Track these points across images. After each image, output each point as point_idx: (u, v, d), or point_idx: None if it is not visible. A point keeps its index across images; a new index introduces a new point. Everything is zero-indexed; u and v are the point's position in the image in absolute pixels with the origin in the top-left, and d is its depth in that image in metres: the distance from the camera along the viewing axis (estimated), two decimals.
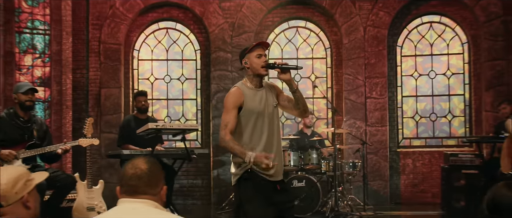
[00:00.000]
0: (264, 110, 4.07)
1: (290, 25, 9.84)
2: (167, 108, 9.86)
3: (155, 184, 2.25)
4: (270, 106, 4.09)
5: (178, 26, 9.87)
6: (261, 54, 4.01)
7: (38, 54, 8.21)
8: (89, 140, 5.59)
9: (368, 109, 9.19)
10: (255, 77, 4.07)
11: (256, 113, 4.05)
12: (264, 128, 4.05)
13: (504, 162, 5.11)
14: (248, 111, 4.02)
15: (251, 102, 4.04)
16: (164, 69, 9.87)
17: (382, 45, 9.22)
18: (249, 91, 4.07)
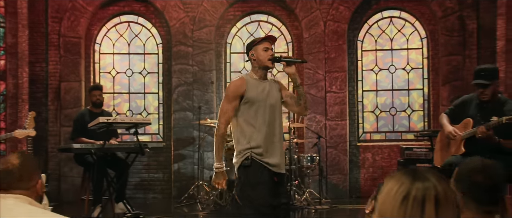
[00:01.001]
0: (266, 100, 4.14)
1: (252, 19, 9.86)
2: (129, 102, 9.83)
3: (27, 179, 2.26)
4: (272, 98, 4.16)
5: (140, 20, 9.83)
6: (268, 47, 4.12)
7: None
8: (25, 131, 5.53)
9: (328, 103, 9.25)
10: (261, 70, 4.15)
11: (258, 101, 4.13)
12: (265, 117, 4.12)
13: (437, 155, 5.19)
14: (250, 98, 4.10)
15: (254, 91, 4.11)
16: (126, 63, 9.83)
17: (342, 40, 9.28)
18: (253, 82, 4.16)
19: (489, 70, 4.74)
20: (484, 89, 4.71)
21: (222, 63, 9.71)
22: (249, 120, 4.14)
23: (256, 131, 4.12)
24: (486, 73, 4.70)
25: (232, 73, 9.84)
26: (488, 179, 2.22)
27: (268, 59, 4.09)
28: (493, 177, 2.22)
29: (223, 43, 9.71)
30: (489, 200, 2.22)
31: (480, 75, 4.71)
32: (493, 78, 4.71)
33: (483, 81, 4.67)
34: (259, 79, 4.18)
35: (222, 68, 9.71)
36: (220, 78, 9.67)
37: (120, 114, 9.72)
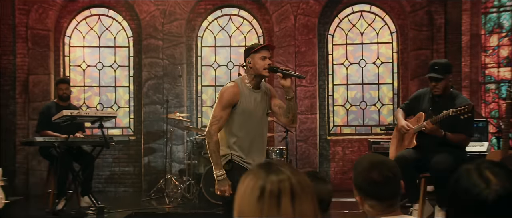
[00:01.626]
0: (254, 112, 4.14)
1: (223, 12, 9.84)
2: (99, 95, 9.77)
3: None
4: (261, 109, 4.16)
5: (110, 12, 9.77)
6: (265, 56, 4.05)
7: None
8: None
9: (298, 97, 9.28)
10: (256, 78, 4.10)
11: (248, 112, 4.12)
12: (253, 128, 4.13)
13: (391, 149, 5.25)
14: (243, 109, 4.08)
15: (246, 102, 4.09)
16: (97, 56, 9.76)
17: (312, 34, 9.31)
18: (247, 91, 4.11)
19: (442, 65, 4.80)
20: (436, 83, 4.77)
21: (193, 56, 9.69)
22: (234, 130, 4.15)
23: (239, 141, 4.14)
24: (440, 67, 4.76)
25: (203, 66, 9.83)
26: (380, 174, 2.24)
27: (264, 68, 4.04)
28: (385, 172, 2.25)
29: (194, 36, 9.69)
30: (389, 195, 2.25)
31: (434, 69, 4.77)
32: (446, 73, 4.77)
33: (436, 75, 4.73)
34: (252, 88, 4.14)
35: (193, 62, 9.69)
36: (191, 71, 9.65)
37: (90, 107, 9.67)
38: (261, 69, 4.05)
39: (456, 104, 4.63)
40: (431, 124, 4.58)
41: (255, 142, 4.15)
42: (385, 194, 2.23)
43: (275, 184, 1.38)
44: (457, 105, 4.56)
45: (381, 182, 2.21)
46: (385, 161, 2.30)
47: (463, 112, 4.42)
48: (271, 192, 1.37)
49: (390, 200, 2.24)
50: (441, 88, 4.78)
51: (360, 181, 2.26)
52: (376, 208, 2.24)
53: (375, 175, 2.22)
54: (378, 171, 2.22)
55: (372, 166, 2.25)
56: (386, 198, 2.24)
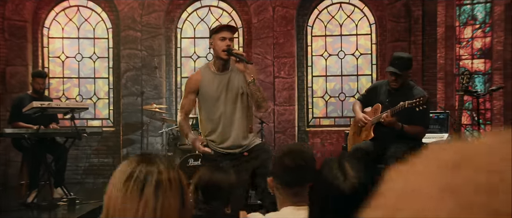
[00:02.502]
0: (221, 95, 4.16)
1: (202, 4, 9.82)
2: (79, 87, 9.76)
3: None
4: (233, 89, 4.15)
5: (89, 4, 9.74)
6: (225, 37, 4.04)
7: None
8: None
9: (276, 89, 9.29)
10: (218, 60, 4.14)
11: (212, 97, 4.17)
12: (222, 110, 4.17)
13: (349, 141, 5.29)
14: (203, 95, 4.19)
15: (207, 87, 4.16)
16: (76, 48, 9.75)
17: (291, 25, 9.31)
18: (209, 75, 4.17)
19: (403, 60, 4.81)
20: (396, 77, 4.78)
21: (172, 48, 9.68)
22: (207, 114, 4.25)
23: (213, 125, 4.23)
24: (400, 62, 4.77)
25: (183, 58, 9.83)
26: (292, 161, 2.28)
27: (222, 50, 4.05)
28: (298, 160, 2.28)
29: (173, 28, 9.68)
30: (295, 182, 2.28)
31: (395, 64, 4.78)
32: (406, 69, 4.79)
33: (395, 71, 4.74)
34: (216, 71, 4.18)
35: (172, 53, 9.68)
36: (170, 63, 9.64)
37: (70, 98, 9.67)
38: (220, 51, 4.09)
39: (412, 96, 4.65)
40: (389, 116, 4.60)
41: (228, 125, 4.19)
42: (292, 180, 2.27)
43: (142, 172, 1.46)
44: (413, 97, 4.58)
45: (291, 168, 2.26)
46: (302, 149, 2.36)
47: (418, 104, 4.44)
48: (137, 178, 1.44)
49: (296, 187, 2.27)
50: (399, 83, 4.80)
51: (273, 164, 2.32)
52: (282, 193, 2.28)
53: (287, 161, 2.27)
54: (292, 157, 2.28)
55: (287, 152, 2.31)
56: (292, 184, 2.27)
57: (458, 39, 7.89)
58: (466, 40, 7.86)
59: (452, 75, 7.79)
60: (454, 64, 7.83)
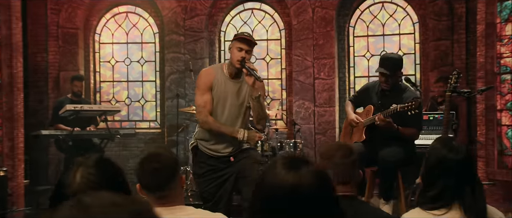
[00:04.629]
0: (228, 100, 4.21)
1: (245, 7, 9.96)
2: (128, 90, 10.17)
3: None
4: (239, 99, 4.22)
5: (137, 10, 10.12)
6: (242, 48, 4.10)
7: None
8: None
9: (316, 90, 9.27)
10: (231, 66, 4.20)
11: (219, 99, 4.21)
12: (224, 117, 4.22)
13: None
14: (215, 93, 4.20)
15: (219, 88, 4.19)
16: (125, 52, 10.16)
17: (330, 26, 9.25)
18: (221, 77, 4.21)
19: (393, 61, 4.71)
20: (386, 78, 4.70)
21: (215, 51, 9.88)
22: (214, 113, 4.23)
23: None
24: (389, 63, 4.68)
25: (226, 61, 9.98)
26: (149, 165, 2.32)
27: (237, 60, 4.12)
28: (153, 163, 2.31)
29: (217, 31, 9.87)
30: (155, 186, 2.31)
31: (384, 65, 4.70)
32: (395, 69, 4.69)
33: (384, 71, 4.65)
34: (228, 76, 4.22)
35: (216, 56, 9.88)
36: None
37: (119, 101, 10.09)
38: (235, 60, 4.14)
39: (403, 98, 4.56)
40: (383, 118, 4.53)
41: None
42: (151, 184, 2.32)
43: None
44: (404, 100, 4.49)
45: (147, 172, 2.30)
46: (159, 153, 2.38)
47: (410, 108, 4.37)
48: None
49: (158, 191, 2.32)
50: (389, 84, 4.71)
51: (136, 170, 2.36)
52: (149, 198, 2.33)
53: (145, 165, 2.31)
54: (149, 161, 2.31)
55: (146, 157, 2.35)
56: (153, 188, 2.32)
57: (499, 37, 7.55)
58: (508, 38, 7.52)
59: (492, 74, 7.46)
60: (495, 63, 7.51)
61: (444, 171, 2.37)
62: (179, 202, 2.36)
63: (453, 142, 2.45)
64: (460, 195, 2.29)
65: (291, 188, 1.49)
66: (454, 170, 2.35)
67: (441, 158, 2.38)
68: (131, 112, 10.17)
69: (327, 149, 2.44)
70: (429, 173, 2.42)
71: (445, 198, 2.30)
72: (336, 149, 2.39)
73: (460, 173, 2.35)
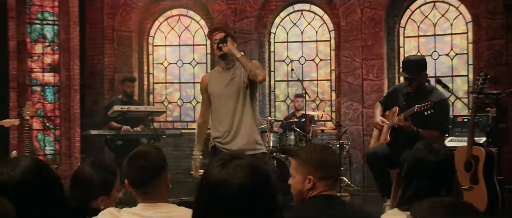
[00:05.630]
0: (226, 90, 4.41)
1: (295, 8, 10.00)
2: (180, 91, 10.41)
3: None
4: (234, 85, 4.39)
5: (189, 12, 10.35)
6: (216, 39, 4.42)
7: (48, 43, 9.01)
8: (10, 120, 6.21)
9: (365, 91, 9.19)
10: (220, 60, 4.48)
11: (217, 94, 4.47)
12: (226, 107, 4.42)
13: (371, 144, 5.15)
14: (211, 92, 4.51)
15: (214, 85, 4.48)
16: (177, 54, 10.41)
17: (379, 27, 9.15)
18: (216, 75, 4.53)
19: (414, 63, 4.66)
20: (409, 81, 4.65)
21: (265, 52, 9.97)
22: (215, 112, 4.51)
23: (219, 122, 4.47)
24: (410, 66, 4.64)
25: (276, 62, 10.08)
26: (136, 162, 2.40)
27: (216, 49, 4.41)
28: (139, 161, 2.39)
29: (266, 33, 9.95)
30: (141, 182, 2.39)
31: (405, 68, 4.66)
32: (418, 71, 4.62)
33: (406, 75, 4.62)
34: (223, 70, 4.48)
35: (265, 58, 9.96)
36: (263, 67, 9.91)
37: (171, 102, 10.35)
38: (216, 52, 4.43)
39: (428, 100, 4.48)
40: (402, 120, 4.48)
41: (233, 122, 4.38)
42: (137, 180, 2.40)
43: None
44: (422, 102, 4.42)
45: (134, 169, 2.39)
46: (147, 151, 2.47)
47: (426, 108, 4.31)
48: None
49: (142, 187, 2.40)
50: (414, 87, 4.64)
51: (124, 165, 2.47)
52: (136, 193, 2.42)
53: (133, 162, 2.41)
54: (136, 158, 2.41)
55: (135, 153, 2.44)
56: (138, 184, 2.40)
57: None
58: None
59: None
60: None
61: (420, 172, 2.41)
62: (162, 199, 2.45)
63: (435, 144, 2.46)
64: (434, 195, 2.30)
65: (221, 183, 1.55)
66: (430, 172, 2.40)
67: (419, 159, 2.42)
68: (183, 112, 10.41)
69: (307, 148, 2.47)
70: (408, 173, 2.46)
71: (420, 199, 2.30)
72: (315, 148, 2.41)
73: (436, 175, 2.39)
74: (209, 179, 1.59)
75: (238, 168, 1.57)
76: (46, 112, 9.01)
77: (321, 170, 2.33)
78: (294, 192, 2.42)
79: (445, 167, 2.42)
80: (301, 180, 2.35)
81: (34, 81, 8.92)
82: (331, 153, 2.39)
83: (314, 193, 2.33)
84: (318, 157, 2.34)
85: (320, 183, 2.33)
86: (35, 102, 8.85)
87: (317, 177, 2.32)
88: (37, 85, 8.96)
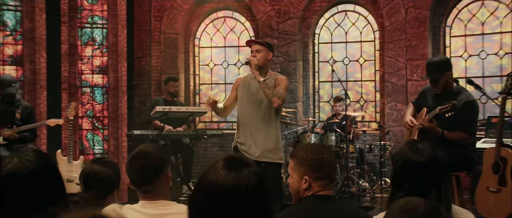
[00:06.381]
0: (251, 96, 4.77)
1: (339, 9, 9.97)
2: (225, 92, 10.55)
3: None
4: (258, 95, 4.73)
5: (235, 14, 10.49)
6: (252, 51, 4.83)
7: (97, 46, 9.34)
8: (55, 120, 6.47)
9: (409, 92, 9.07)
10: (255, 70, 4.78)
11: (241, 98, 4.84)
12: (248, 111, 4.79)
13: None
14: (238, 97, 4.88)
15: (242, 89, 4.85)
16: (223, 56, 10.57)
17: (424, 26, 9.01)
18: (249, 80, 4.86)
19: (436, 64, 4.59)
20: (433, 83, 4.59)
21: (309, 53, 9.98)
22: (238, 115, 4.88)
23: (240, 124, 4.82)
24: (432, 68, 4.58)
25: (320, 63, 10.07)
26: (137, 163, 2.51)
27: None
28: (141, 161, 2.50)
29: (310, 34, 9.97)
30: (141, 181, 2.50)
31: (428, 70, 4.62)
32: (441, 72, 4.54)
33: (429, 78, 4.58)
34: (254, 77, 4.77)
35: (309, 59, 9.98)
36: (307, 68, 9.96)
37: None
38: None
39: (457, 100, 4.41)
40: (427, 121, 4.43)
41: (250, 127, 4.68)
42: (137, 179, 2.50)
43: None
44: (457, 103, 4.35)
45: (135, 168, 2.49)
46: (148, 151, 2.56)
47: (446, 110, 4.27)
48: None
49: (143, 186, 2.50)
50: (440, 88, 4.57)
51: (126, 164, 2.58)
52: (138, 192, 2.52)
53: (134, 161, 2.51)
54: (137, 158, 2.51)
55: (136, 153, 2.54)
56: (138, 183, 2.50)
57: None
58: None
59: None
60: None
61: (409, 173, 2.43)
62: (162, 197, 2.55)
63: (419, 144, 2.47)
64: (425, 196, 2.30)
65: (231, 188, 1.61)
66: (418, 172, 2.41)
67: (406, 160, 2.43)
68: None
69: (303, 148, 2.50)
70: (396, 175, 2.47)
71: None
72: (312, 149, 2.45)
73: (424, 175, 2.40)
74: (212, 181, 1.64)
75: (247, 174, 1.64)
76: (95, 112, 9.33)
77: (316, 170, 2.38)
78: (292, 191, 2.48)
79: (431, 167, 2.43)
80: (298, 180, 2.41)
81: (84, 83, 9.27)
82: (327, 154, 2.43)
83: (310, 193, 2.38)
84: (314, 157, 2.39)
85: (315, 183, 2.38)
86: (84, 103, 9.20)
87: (313, 178, 2.38)
88: (87, 87, 9.30)
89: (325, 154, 2.42)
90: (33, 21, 8.53)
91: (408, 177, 2.42)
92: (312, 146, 2.47)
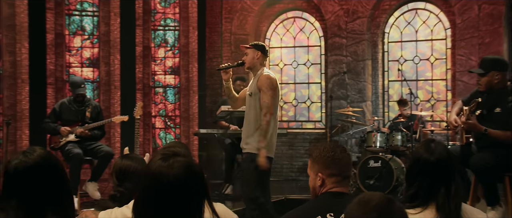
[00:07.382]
0: (248, 95, 5.25)
1: (409, 7, 9.81)
2: (295, 91, 10.65)
3: None
4: (251, 89, 5.20)
5: (304, 15, 10.55)
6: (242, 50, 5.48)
7: (169, 48, 9.70)
8: (120, 117, 6.80)
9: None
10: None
11: (245, 96, 5.35)
12: (246, 107, 5.28)
13: None
14: None
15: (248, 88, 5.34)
16: (292, 56, 10.66)
17: (499, 23, 8.71)
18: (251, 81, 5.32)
19: (486, 61, 4.52)
20: (478, 78, 4.51)
21: (378, 53, 9.89)
22: None
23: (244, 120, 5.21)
24: (483, 64, 4.53)
25: (390, 62, 9.96)
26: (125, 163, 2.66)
27: None
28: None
29: (379, 33, 9.87)
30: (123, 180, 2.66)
31: (479, 65, 4.55)
32: (489, 69, 4.45)
33: (473, 71, 4.53)
34: (254, 78, 5.24)
35: (378, 58, 9.88)
36: (376, 67, 9.87)
37: (287, 102, 10.63)
38: None
39: (503, 100, 4.28)
40: (465, 119, 4.37)
41: (247, 119, 5.09)
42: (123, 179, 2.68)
43: None
44: (503, 102, 4.22)
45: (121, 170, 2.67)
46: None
47: (473, 109, 4.26)
48: None
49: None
50: (483, 85, 4.49)
51: None
52: None
53: (124, 162, 2.69)
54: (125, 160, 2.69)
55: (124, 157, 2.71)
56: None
57: None
58: None
59: None
60: None
61: (419, 170, 2.47)
62: None
63: (432, 143, 2.48)
64: (434, 194, 2.34)
65: (153, 176, 1.76)
66: (429, 170, 2.44)
67: (418, 158, 2.46)
68: (298, 112, 10.64)
69: (318, 147, 2.58)
70: (409, 172, 2.51)
71: (420, 197, 2.41)
72: (326, 147, 2.53)
73: (435, 173, 2.42)
74: (148, 171, 1.81)
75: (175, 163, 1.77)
76: (167, 111, 9.70)
77: (329, 167, 2.47)
78: (310, 189, 2.57)
79: (441, 166, 2.45)
80: (314, 177, 2.51)
81: (157, 83, 9.65)
82: (339, 152, 2.51)
83: (324, 189, 2.47)
84: (326, 155, 2.48)
85: (329, 179, 2.47)
86: (157, 102, 9.58)
87: (326, 174, 2.47)
88: (160, 87, 9.68)
89: (337, 152, 2.50)
90: (109, 25, 8.98)
91: (418, 174, 2.47)
92: (325, 144, 2.56)
